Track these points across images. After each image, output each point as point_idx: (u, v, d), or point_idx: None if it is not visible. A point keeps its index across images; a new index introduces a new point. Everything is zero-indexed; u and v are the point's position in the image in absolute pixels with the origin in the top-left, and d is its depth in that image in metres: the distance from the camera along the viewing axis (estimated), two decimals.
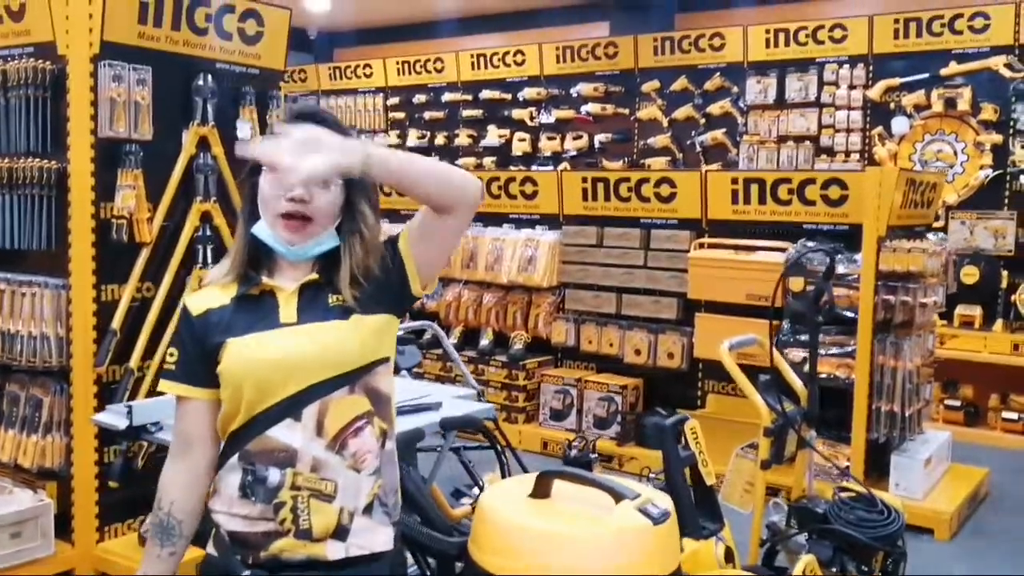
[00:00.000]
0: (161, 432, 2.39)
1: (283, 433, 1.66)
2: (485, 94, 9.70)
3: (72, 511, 3.94)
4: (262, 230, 1.72)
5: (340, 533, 1.68)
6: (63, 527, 3.92)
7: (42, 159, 3.86)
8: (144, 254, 4.02)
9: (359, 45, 11.97)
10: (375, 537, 1.72)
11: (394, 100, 10.53)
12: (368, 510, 1.71)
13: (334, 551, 1.67)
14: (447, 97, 10.04)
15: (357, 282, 1.73)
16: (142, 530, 3.83)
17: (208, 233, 4.23)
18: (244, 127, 4.37)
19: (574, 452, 4.10)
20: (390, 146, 10.44)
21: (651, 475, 3.76)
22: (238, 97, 4.37)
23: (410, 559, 3.51)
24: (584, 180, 6.42)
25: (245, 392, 1.66)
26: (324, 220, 1.72)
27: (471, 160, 9.59)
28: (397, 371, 3.83)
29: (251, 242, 1.74)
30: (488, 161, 9.53)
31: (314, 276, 1.73)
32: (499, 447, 2.59)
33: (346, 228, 1.75)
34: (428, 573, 2.33)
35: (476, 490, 3.45)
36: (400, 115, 10.50)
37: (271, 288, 1.73)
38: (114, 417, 2.50)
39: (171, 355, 1.77)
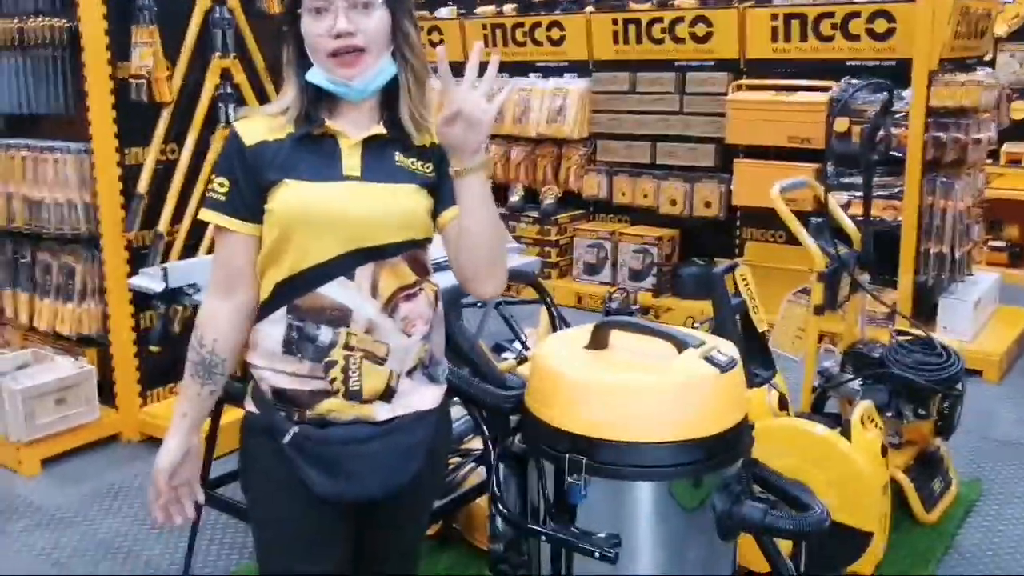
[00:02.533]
0: (198, 294, 2.31)
1: (336, 291, 1.58)
2: None
3: (113, 377, 3.95)
4: (316, 75, 1.59)
5: (387, 394, 1.64)
6: (106, 393, 3.93)
7: (51, 17, 3.67)
8: (165, 115, 3.87)
9: None
10: (421, 397, 1.69)
11: None
12: (413, 371, 1.68)
13: (381, 412, 1.64)
14: None
15: (419, 127, 1.64)
16: None
17: (229, 91, 4.06)
18: None
19: (614, 304, 4.01)
20: None
21: (696, 324, 3.69)
22: None
23: (460, 412, 3.52)
24: (614, 22, 6.12)
25: (295, 240, 1.57)
26: (376, 47, 1.59)
27: (490, 8, 9.19)
28: None
29: (306, 89, 1.61)
30: (508, 8, 9.12)
31: (381, 130, 1.62)
32: (549, 300, 2.49)
33: (397, 53, 1.63)
34: (484, 427, 2.28)
35: (517, 344, 3.39)
36: None
37: (333, 133, 1.61)
38: (150, 280, 2.42)
39: (221, 185, 1.61)
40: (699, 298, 5.59)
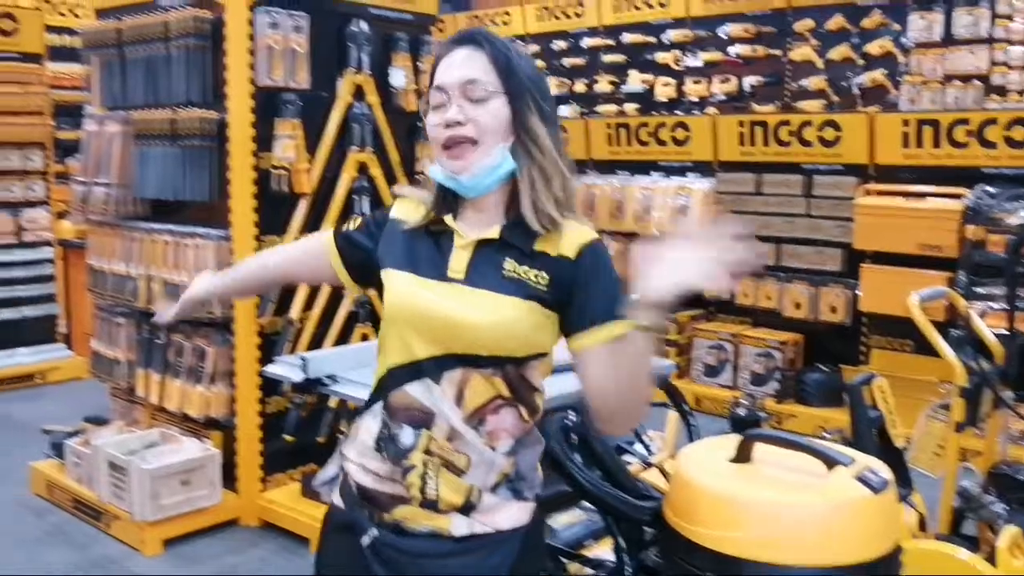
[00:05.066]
0: (337, 385, 2.31)
1: (421, 392, 1.52)
2: (627, 38, 9.35)
3: (236, 460, 4.00)
4: (435, 170, 1.55)
5: (466, 508, 1.54)
6: (228, 476, 3.98)
7: (202, 109, 3.86)
8: (303, 205, 3.99)
9: None
10: (504, 515, 1.56)
11: (532, 48, 10.32)
12: (496, 487, 1.56)
13: (458, 526, 1.54)
14: (587, 42, 9.74)
15: (545, 229, 1.50)
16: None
17: (365, 184, 4.18)
18: (398, 74, 4.28)
19: (741, 411, 3.88)
20: None
21: (827, 435, 3.54)
22: (391, 43, 4.28)
23: (576, 516, 3.42)
24: (740, 124, 6.11)
25: (393, 332, 1.55)
26: (490, 139, 1.49)
27: (612, 107, 9.31)
28: None
29: (437, 187, 1.57)
30: (630, 108, 9.23)
31: (493, 234, 1.52)
32: (685, 407, 2.42)
33: (518, 148, 1.51)
34: (617, 537, 2.19)
35: (639, 447, 3.29)
36: (539, 63, 10.29)
37: (450, 230, 1.55)
38: (288, 369, 2.43)
39: (354, 221, 1.74)
40: (824, 406, 5.41)
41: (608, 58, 9.50)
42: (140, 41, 4.04)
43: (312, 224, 4.03)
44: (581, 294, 1.51)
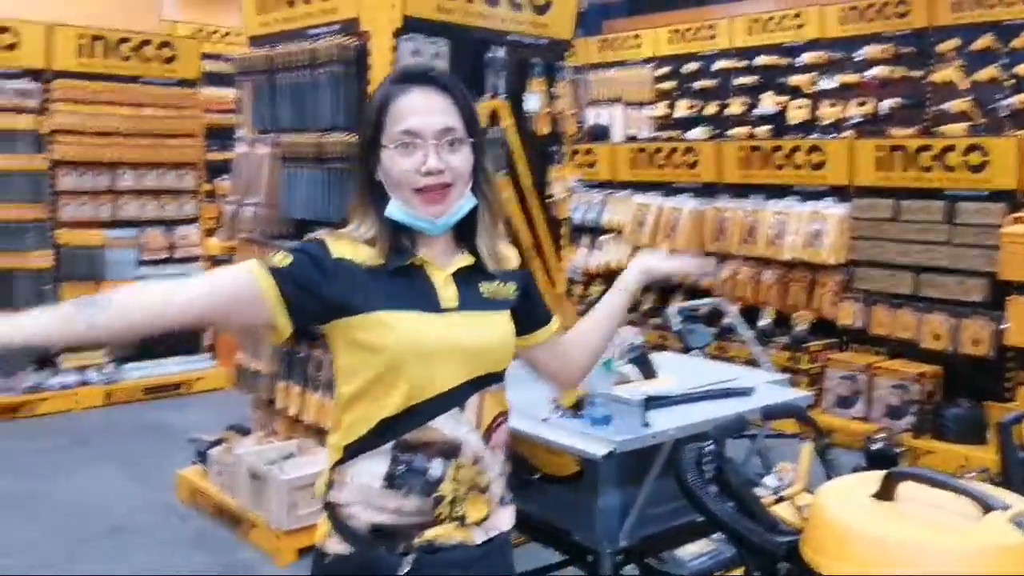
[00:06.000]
0: None
1: (448, 424, 1.58)
2: (760, 60, 9.23)
3: None
4: (396, 210, 1.59)
5: (485, 519, 1.66)
6: None
7: (346, 133, 4.00)
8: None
9: (629, 16, 11.81)
10: (504, 519, 1.70)
11: (663, 70, 10.29)
12: (502, 498, 1.71)
13: (478, 535, 1.64)
14: (719, 65, 9.65)
15: (502, 268, 1.69)
16: None
17: None
18: (533, 99, 4.34)
19: (878, 445, 3.76)
20: (657, 118, 10.18)
21: (970, 474, 3.38)
22: (527, 68, 4.35)
23: (702, 548, 3.37)
24: (878, 148, 5.93)
25: (406, 373, 1.55)
26: (462, 183, 1.61)
27: (744, 129, 9.19)
28: (687, 350, 3.68)
29: (386, 221, 1.60)
30: (762, 130, 9.08)
31: (468, 260, 1.65)
32: (825, 440, 2.37)
33: (478, 191, 1.65)
34: (752, 570, 2.16)
35: (770, 479, 3.22)
36: (669, 85, 10.25)
37: (422, 264, 1.62)
38: None
39: (283, 258, 1.56)
40: (965, 443, 5.17)
41: (740, 80, 9.38)
42: (289, 68, 4.23)
43: None
44: (531, 299, 1.76)
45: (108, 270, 6.70)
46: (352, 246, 1.60)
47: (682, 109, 9.90)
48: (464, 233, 1.66)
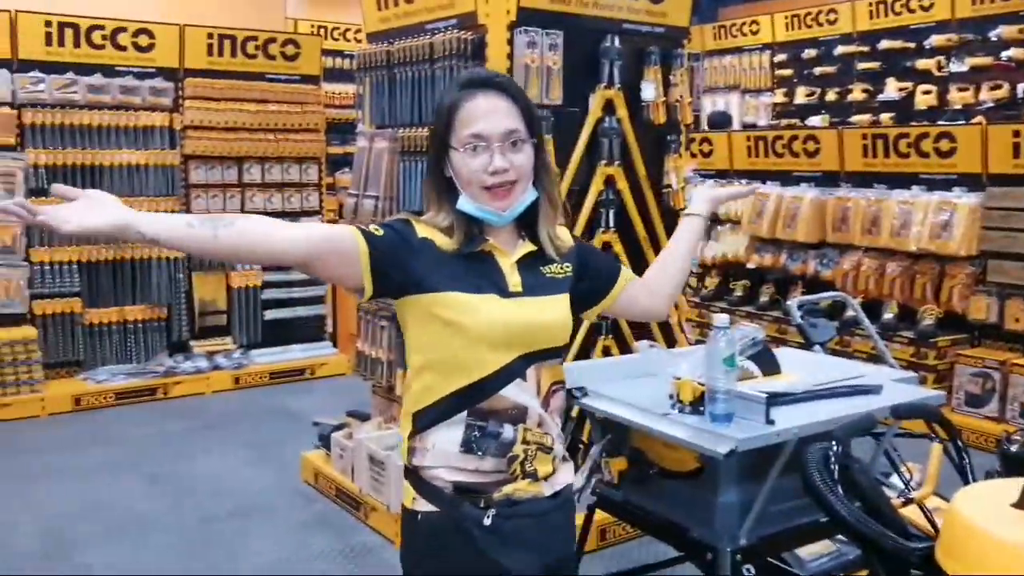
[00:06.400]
0: (587, 399, 2.35)
1: (515, 392, 1.74)
2: (884, 44, 8.91)
3: None
4: (467, 205, 1.76)
5: (551, 474, 1.83)
6: None
7: None
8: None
9: (745, 2, 11.56)
10: (565, 474, 1.87)
11: (781, 56, 10.05)
12: (564, 455, 1.88)
13: (548, 488, 1.81)
14: (840, 50, 9.37)
15: (555, 247, 1.85)
16: None
17: (611, 197, 4.23)
18: (648, 88, 4.30)
19: (1013, 448, 3.57)
20: (775, 105, 9.93)
21: None
22: (643, 57, 4.30)
23: (824, 548, 3.28)
24: (1015, 134, 5.63)
25: (480, 350, 1.72)
26: (525, 179, 1.78)
27: (865, 117, 8.88)
28: (809, 345, 3.58)
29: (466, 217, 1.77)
30: (885, 117, 8.77)
31: (531, 247, 1.82)
32: (960, 443, 2.27)
33: (539, 184, 1.82)
34: (878, 574, 2.10)
35: (896, 479, 3.11)
36: (787, 72, 10.01)
37: (491, 251, 1.78)
38: None
39: (376, 230, 1.73)
40: None
41: (863, 65, 9.09)
42: (407, 63, 4.29)
43: None
44: (590, 267, 1.93)
45: None
46: (432, 230, 1.76)
47: (801, 96, 9.66)
48: (526, 222, 1.83)
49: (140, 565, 3.92)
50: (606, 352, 4.29)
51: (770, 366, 2.45)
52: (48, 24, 6.39)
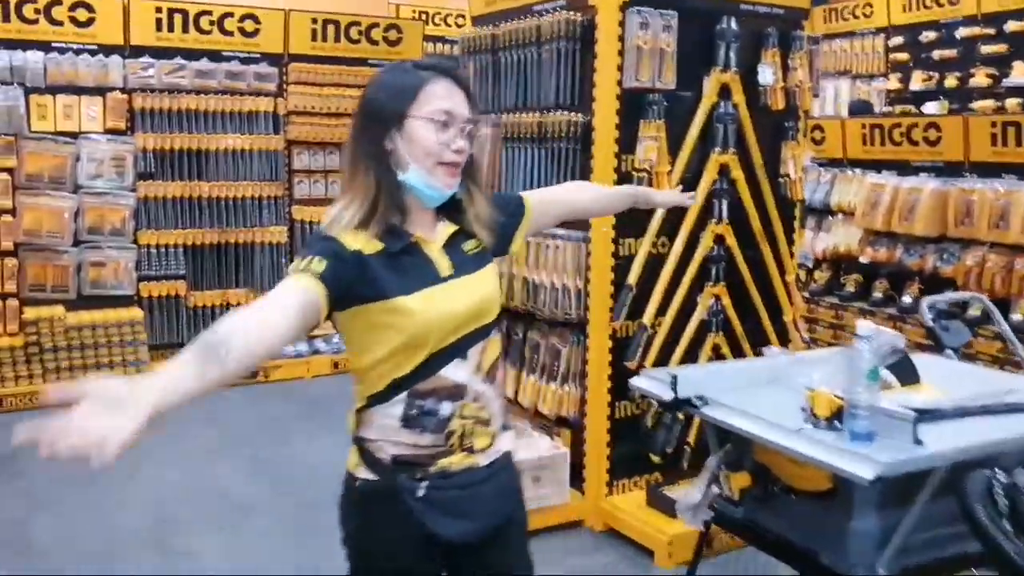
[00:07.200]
0: (708, 408, 2.18)
1: (452, 371, 1.80)
2: (1011, 26, 8.38)
3: (583, 461, 4.01)
4: (415, 177, 1.79)
5: (488, 447, 1.88)
6: (574, 476, 4.00)
7: (570, 112, 3.90)
8: (662, 209, 3.90)
9: None
10: (504, 442, 1.93)
11: (897, 40, 9.58)
12: (504, 427, 1.94)
13: (483, 459, 1.87)
14: (962, 32, 8.86)
15: (483, 224, 1.90)
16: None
17: (724, 186, 4.03)
18: (766, 71, 4.08)
19: None
20: (889, 91, 9.51)
21: None
22: (760, 40, 4.08)
23: None
24: None
25: (423, 342, 1.76)
26: (464, 165, 1.85)
27: (988, 103, 8.39)
28: (940, 349, 3.33)
29: (383, 194, 1.78)
30: (1012, 103, 8.26)
31: (452, 228, 1.87)
32: None
33: (467, 172, 1.87)
34: None
35: None
36: (903, 56, 9.54)
37: (416, 241, 1.82)
38: (657, 387, 2.33)
39: (319, 263, 1.68)
40: None
41: (987, 48, 8.57)
42: (513, 46, 4.16)
43: (670, 229, 3.95)
44: (500, 210, 1.99)
45: None
46: (354, 236, 1.76)
47: (917, 81, 9.17)
48: (444, 205, 1.87)
49: (239, 551, 3.92)
50: (716, 350, 4.10)
51: (909, 376, 2.24)
52: (159, 10, 6.46)
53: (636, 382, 2.47)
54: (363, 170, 1.79)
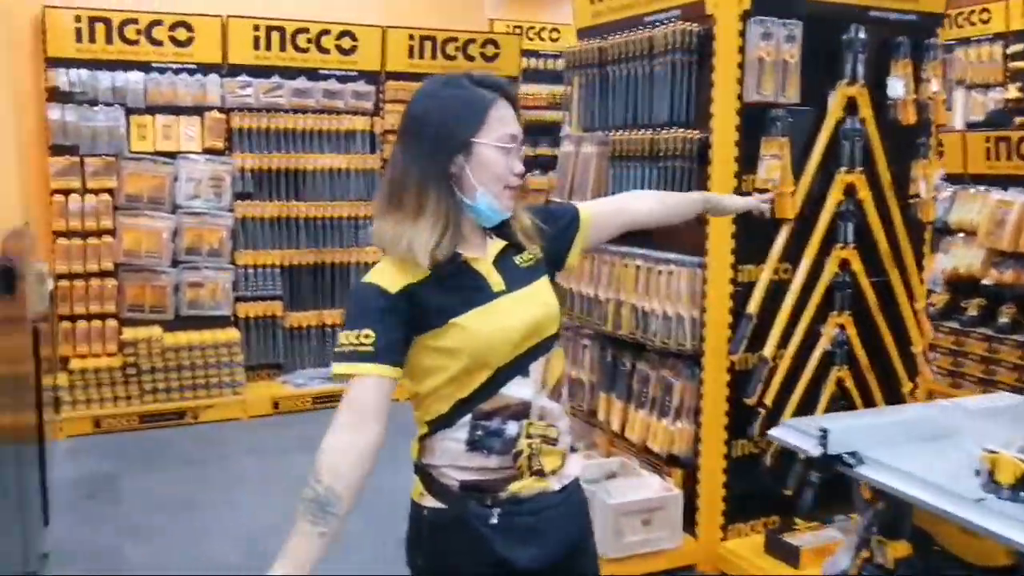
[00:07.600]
0: (863, 467, 1.92)
1: (515, 389, 1.76)
2: None
3: (696, 503, 3.74)
4: (484, 200, 1.75)
5: (559, 468, 1.83)
6: (686, 519, 3.74)
7: (684, 129, 3.66)
8: (784, 232, 3.64)
9: None
10: (572, 466, 1.89)
11: (1016, 47, 9.06)
12: (572, 448, 1.90)
13: (555, 483, 1.82)
14: None
15: (529, 235, 1.86)
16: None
17: (851, 208, 3.73)
18: (896, 84, 3.77)
19: None
20: (1007, 101, 9.03)
21: None
22: (890, 49, 3.78)
23: None
24: None
25: (482, 362, 1.72)
26: None
27: None
28: None
29: (450, 220, 1.73)
30: None
31: (501, 244, 1.81)
32: None
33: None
34: None
35: None
36: (1023, 64, 9.02)
37: (466, 260, 1.77)
38: (802, 440, 2.07)
39: (367, 337, 1.67)
40: None
41: None
42: (623, 59, 3.94)
43: (792, 254, 3.66)
44: (552, 226, 1.93)
45: None
46: (395, 267, 1.73)
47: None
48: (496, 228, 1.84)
49: None
50: (839, 384, 3.79)
51: None
52: (256, 28, 6.45)
53: (777, 433, 2.22)
54: (432, 194, 1.73)
